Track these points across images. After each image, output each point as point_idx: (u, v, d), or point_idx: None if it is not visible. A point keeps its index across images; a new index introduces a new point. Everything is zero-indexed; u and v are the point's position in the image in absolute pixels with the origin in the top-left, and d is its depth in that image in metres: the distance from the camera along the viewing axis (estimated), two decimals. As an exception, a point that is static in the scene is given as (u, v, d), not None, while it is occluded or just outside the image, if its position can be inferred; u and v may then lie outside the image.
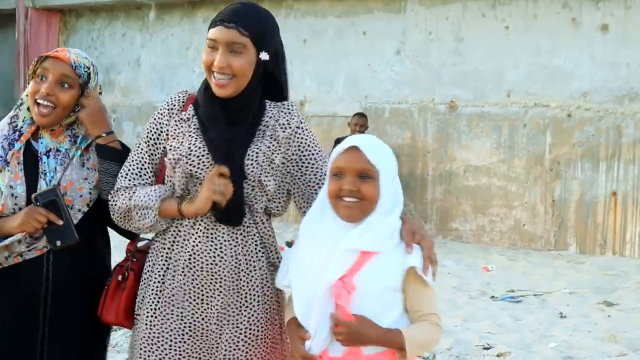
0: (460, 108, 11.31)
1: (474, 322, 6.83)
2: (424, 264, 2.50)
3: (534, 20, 10.77)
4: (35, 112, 2.91)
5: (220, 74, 2.67)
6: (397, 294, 2.51)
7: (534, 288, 8.25)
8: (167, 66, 13.77)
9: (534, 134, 10.76)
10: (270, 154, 2.72)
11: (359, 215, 2.52)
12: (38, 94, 2.89)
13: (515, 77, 10.88)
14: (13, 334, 2.88)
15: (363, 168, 2.51)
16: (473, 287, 8.29)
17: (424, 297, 2.53)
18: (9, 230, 2.83)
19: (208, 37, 2.73)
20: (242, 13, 2.74)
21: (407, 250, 2.50)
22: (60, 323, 2.89)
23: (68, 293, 2.90)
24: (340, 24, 12.27)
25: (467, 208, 11.25)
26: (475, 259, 9.88)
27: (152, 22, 14.16)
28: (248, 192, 2.72)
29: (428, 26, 11.59)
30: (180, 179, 2.72)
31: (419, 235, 2.55)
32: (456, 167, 11.32)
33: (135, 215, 2.75)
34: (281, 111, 2.80)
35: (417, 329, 2.50)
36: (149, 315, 2.77)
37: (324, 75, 12.34)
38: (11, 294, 2.89)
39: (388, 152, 2.61)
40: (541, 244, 10.70)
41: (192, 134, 2.73)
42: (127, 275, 2.85)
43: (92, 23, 14.94)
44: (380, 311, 2.48)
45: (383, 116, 11.87)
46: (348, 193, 2.51)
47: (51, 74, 2.90)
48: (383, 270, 2.49)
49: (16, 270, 2.87)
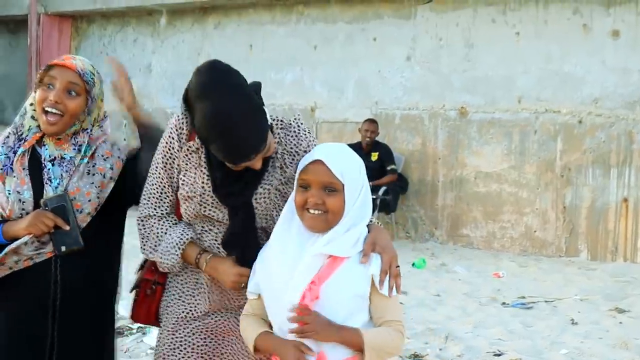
0: (470, 114, 11.30)
1: (485, 329, 6.82)
2: (380, 277, 2.50)
3: (544, 26, 10.75)
4: (43, 121, 2.91)
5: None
6: (364, 301, 2.53)
7: (545, 294, 8.22)
8: (178, 72, 13.79)
9: (544, 140, 10.74)
10: (282, 188, 2.74)
11: (324, 226, 2.54)
12: (46, 102, 2.90)
13: (526, 83, 10.86)
14: (22, 337, 2.89)
15: (328, 182, 2.52)
16: (484, 294, 8.27)
17: (387, 305, 2.54)
18: (15, 233, 2.85)
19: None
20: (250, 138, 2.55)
21: (362, 260, 2.51)
22: (69, 327, 2.90)
23: (76, 297, 2.91)
24: (351, 30, 12.28)
25: (477, 214, 11.23)
26: (485, 265, 9.86)
27: (163, 28, 14.19)
28: (263, 225, 2.74)
29: (438, 32, 11.58)
30: (191, 215, 2.74)
31: (380, 247, 2.54)
32: (467, 173, 11.30)
33: (158, 260, 2.78)
34: (288, 134, 2.76)
35: (377, 331, 2.52)
36: (173, 323, 2.80)
37: (334, 81, 12.35)
38: (20, 297, 2.90)
39: (355, 163, 2.61)
40: (552, 250, 10.67)
41: (203, 170, 2.71)
42: (154, 288, 2.89)
43: (103, 29, 14.98)
44: (346, 317, 2.50)
45: (393, 122, 11.86)
46: (313, 206, 2.52)
47: (59, 82, 2.91)
48: (350, 278, 2.51)
49: (25, 274, 2.88)
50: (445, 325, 6.81)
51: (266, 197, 2.70)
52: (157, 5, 13.84)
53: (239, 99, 2.52)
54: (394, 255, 2.55)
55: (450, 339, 6.36)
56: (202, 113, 2.51)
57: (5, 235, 2.87)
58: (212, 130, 2.50)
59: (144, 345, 5.81)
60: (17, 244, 2.84)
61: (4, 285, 2.92)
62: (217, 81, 2.55)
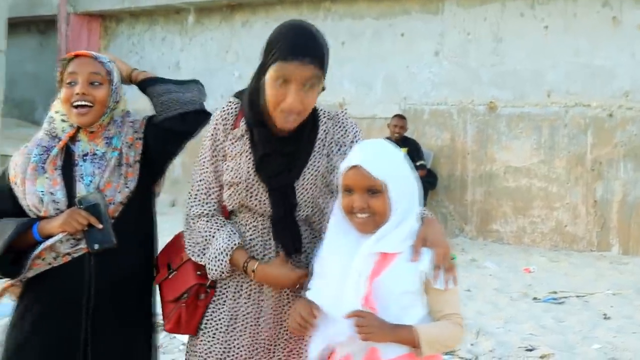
0: (499, 109, 11.26)
1: (516, 324, 6.79)
2: (434, 271, 2.48)
3: (573, 19, 10.69)
4: (74, 114, 2.92)
5: (288, 112, 2.60)
6: (418, 296, 2.51)
7: (577, 289, 8.18)
8: (206, 69, 13.84)
9: (574, 134, 10.67)
10: (327, 175, 2.73)
11: (373, 228, 2.53)
12: (73, 97, 2.91)
13: (555, 77, 10.80)
14: (56, 332, 2.91)
15: (369, 185, 2.51)
16: (514, 289, 8.24)
17: (444, 298, 2.52)
18: (50, 231, 2.86)
19: (279, 72, 2.57)
20: (312, 43, 2.61)
21: (412, 258, 2.49)
22: (102, 323, 2.91)
23: (110, 293, 2.92)
24: (378, 25, 12.27)
25: (507, 209, 11.18)
26: (516, 261, 9.82)
27: (191, 26, 14.26)
28: (308, 214, 2.74)
29: (466, 27, 11.55)
30: (235, 204, 2.74)
31: (431, 241, 2.51)
32: (496, 168, 11.26)
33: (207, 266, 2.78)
34: (335, 125, 2.78)
35: (433, 326, 2.50)
36: (222, 332, 2.79)
37: (362, 77, 12.35)
38: (55, 293, 2.93)
39: (395, 158, 2.59)
40: (583, 245, 10.60)
41: (248, 155, 2.71)
42: (209, 292, 2.84)
43: (132, 28, 15.08)
44: (400, 313, 2.48)
45: (422, 117, 11.84)
46: (359, 210, 2.52)
47: (80, 76, 2.93)
48: (400, 274, 2.49)
49: (60, 269, 2.91)
50: (477, 320, 6.79)
51: (312, 183, 2.70)
52: (185, 4, 13.92)
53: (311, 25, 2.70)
54: (446, 247, 2.52)
55: (482, 334, 6.34)
56: (279, 26, 2.67)
57: (40, 232, 2.88)
58: (281, 30, 2.63)
59: (176, 341, 5.84)
60: (52, 242, 2.86)
61: (40, 280, 2.94)
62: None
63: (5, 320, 3.16)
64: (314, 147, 2.73)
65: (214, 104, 3.05)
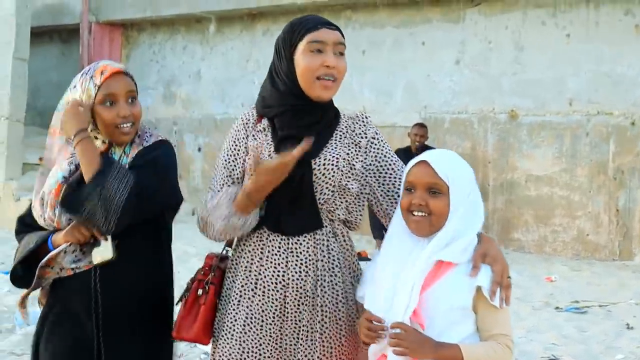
0: (521, 117, 11.22)
1: (538, 334, 6.75)
2: (492, 288, 2.44)
3: (595, 27, 10.64)
4: (118, 134, 2.93)
5: (329, 75, 2.68)
6: (467, 312, 2.47)
7: (599, 299, 8.13)
8: (227, 79, 13.89)
9: (596, 142, 10.61)
10: (350, 160, 2.74)
11: (427, 229, 2.51)
12: (118, 120, 2.91)
13: (577, 86, 10.75)
14: (68, 341, 2.93)
15: (432, 182, 2.50)
16: (536, 298, 8.20)
17: (494, 318, 2.46)
18: (59, 241, 2.91)
19: (313, 39, 2.69)
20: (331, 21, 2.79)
21: (471, 273, 2.45)
22: (114, 332, 2.91)
23: (119, 303, 2.92)
24: (399, 34, 12.27)
25: (528, 218, 11.13)
26: (537, 270, 9.77)
27: (212, 35, 14.31)
28: (328, 197, 2.72)
29: (487, 35, 11.53)
30: None
31: (491, 258, 2.49)
32: (517, 176, 11.22)
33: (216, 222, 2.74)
34: (356, 123, 2.82)
35: (481, 346, 2.45)
36: (238, 331, 2.76)
37: (382, 85, 12.34)
38: (66, 302, 2.95)
39: (463, 168, 2.58)
40: (605, 254, 10.53)
41: (270, 144, 2.74)
42: (207, 289, 2.84)
43: (153, 37, 15.15)
44: (447, 328, 2.45)
45: (443, 126, 11.82)
46: (417, 208, 2.51)
47: (121, 97, 2.92)
48: (454, 287, 2.45)
49: (69, 279, 2.93)
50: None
51: (334, 165, 2.69)
52: (206, 13, 13.97)
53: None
54: (505, 266, 2.50)
55: (504, 344, 6.30)
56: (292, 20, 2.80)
57: (53, 243, 2.93)
58: (300, 18, 2.79)
59: (197, 350, 5.85)
60: (55, 252, 2.89)
61: (53, 289, 2.99)
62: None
63: (31, 328, 3.20)
64: (333, 133, 2.77)
65: (234, 113, 3.08)
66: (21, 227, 3.13)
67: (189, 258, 9.06)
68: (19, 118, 13.07)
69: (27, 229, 3.08)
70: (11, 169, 13.02)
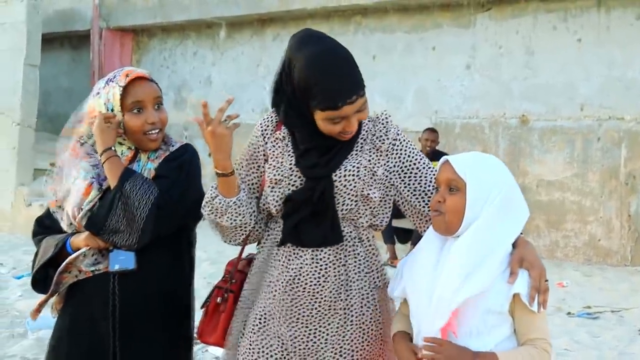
0: (532, 122, 11.19)
1: (551, 339, 6.70)
2: (531, 293, 2.42)
3: (606, 32, 10.61)
4: (146, 141, 2.96)
5: (346, 134, 2.65)
6: (504, 317, 2.44)
7: (611, 304, 8.09)
8: (238, 84, 13.90)
9: (608, 147, 10.58)
10: (372, 167, 2.72)
11: (443, 228, 2.50)
12: (146, 127, 2.93)
13: (589, 90, 10.71)
14: (84, 344, 2.93)
15: (449, 179, 2.50)
16: (548, 303, 8.10)
17: (531, 322, 2.44)
18: (78, 244, 2.91)
19: (330, 115, 2.58)
20: (350, 76, 2.61)
21: (509, 279, 2.42)
22: (130, 338, 2.91)
23: (136, 309, 2.92)
24: (409, 39, 12.26)
25: (540, 223, 11.10)
26: (549, 275, 9.46)
27: (222, 40, 14.33)
28: (352, 207, 2.71)
29: (498, 40, 11.51)
30: (278, 200, 2.72)
31: (528, 263, 2.46)
32: (529, 181, 11.18)
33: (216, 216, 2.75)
34: (376, 125, 2.79)
35: (518, 353, 2.42)
36: (249, 331, 2.77)
37: (393, 91, 12.33)
38: (83, 306, 2.95)
39: (489, 168, 2.53)
40: (617, 259, 10.49)
41: (290, 154, 2.72)
42: (226, 297, 2.85)
43: (164, 42, 15.18)
44: (483, 331, 2.43)
45: (454, 131, 11.80)
46: (435, 204, 2.51)
47: (148, 103, 2.94)
48: (488, 294, 2.42)
49: (87, 282, 2.93)
50: (510, 335, 6.72)
51: (354, 175, 2.67)
52: (216, 18, 13.99)
53: (335, 44, 2.65)
54: (543, 270, 2.48)
55: (515, 350, 6.27)
56: (304, 59, 2.59)
57: (72, 246, 2.93)
58: (315, 69, 2.57)
59: (208, 355, 5.84)
60: (75, 255, 2.90)
61: (70, 292, 2.99)
62: (313, 34, 2.68)
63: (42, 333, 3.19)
64: (355, 142, 2.74)
65: (245, 118, 3.06)
66: (39, 229, 3.14)
67: (200, 263, 9.08)
68: (30, 124, 13.11)
69: (45, 231, 3.09)
70: (22, 175, 13.05)
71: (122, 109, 2.94)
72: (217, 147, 2.64)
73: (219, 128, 2.61)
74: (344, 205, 2.70)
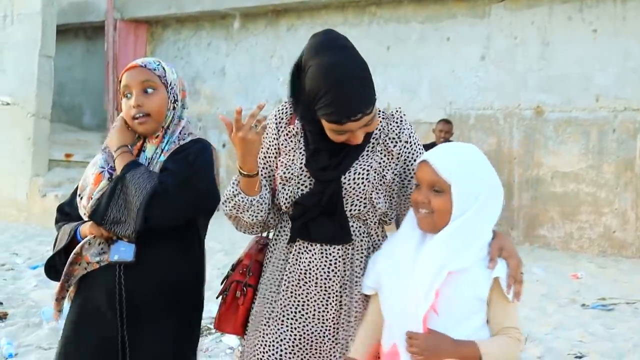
0: (547, 113, 11.15)
1: (565, 331, 6.70)
2: (508, 281, 2.46)
3: (622, 22, 10.55)
4: (135, 125, 2.96)
5: (352, 143, 2.64)
6: (482, 304, 2.48)
7: (626, 296, 8.06)
8: (252, 74, 13.90)
9: (623, 139, 10.53)
10: (381, 170, 2.71)
11: (431, 227, 2.51)
12: (131, 111, 2.94)
13: (604, 81, 10.66)
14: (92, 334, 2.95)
15: (434, 180, 2.49)
16: (562, 295, 8.14)
17: (506, 311, 2.49)
18: (85, 232, 2.94)
19: (336, 128, 2.57)
20: (359, 97, 2.54)
21: (489, 265, 2.46)
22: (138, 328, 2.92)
23: (145, 300, 2.92)
24: (424, 30, 12.22)
25: (554, 215, 11.07)
26: (563, 266, 9.70)
27: (236, 31, 14.32)
28: (360, 209, 2.71)
29: (513, 31, 11.46)
30: (288, 201, 2.74)
31: (507, 252, 2.50)
32: (543, 173, 11.15)
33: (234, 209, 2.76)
34: (390, 124, 2.76)
35: (495, 342, 2.46)
36: (262, 324, 2.79)
37: (407, 81, 12.30)
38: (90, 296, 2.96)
39: (471, 165, 2.53)
40: (632, 251, 10.45)
41: (301, 151, 2.73)
42: (245, 291, 2.87)
43: (178, 33, 15.19)
44: (462, 318, 2.46)
45: (468, 122, 11.77)
46: (420, 205, 2.52)
47: (133, 88, 2.95)
48: (471, 279, 2.46)
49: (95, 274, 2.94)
50: (525, 326, 6.69)
51: (364, 178, 2.67)
52: (230, 9, 13.98)
53: (353, 56, 2.60)
54: (520, 261, 2.52)
55: (530, 341, 6.27)
56: (317, 66, 2.56)
57: (81, 234, 2.97)
58: (325, 80, 2.53)
59: (222, 345, 5.86)
60: (80, 244, 2.92)
61: (81, 282, 3.00)
62: (333, 40, 2.63)
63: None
64: (367, 143, 2.72)
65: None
66: (60, 216, 3.18)
67: (214, 254, 9.10)
68: (45, 115, 13.16)
69: (65, 218, 3.14)
70: (37, 165, 13.11)
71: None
72: (246, 151, 2.62)
73: (249, 134, 2.59)
74: (352, 206, 2.71)
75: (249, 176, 2.68)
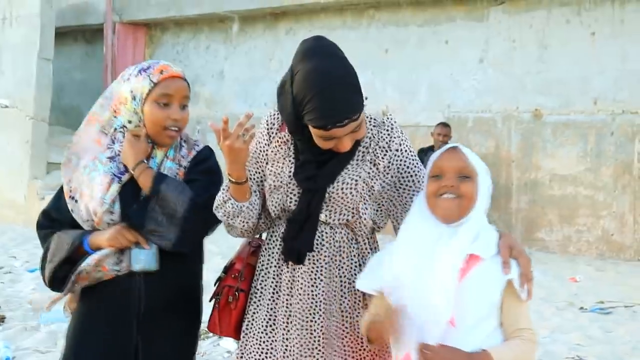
0: (545, 116, 11.15)
1: (563, 334, 6.71)
2: (521, 280, 2.44)
3: (621, 25, 10.56)
4: (165, 136, 2.93)
5: (339, 151, 2.62)
6: (494, 308, 2.45)
7: (624, 299, 8.06)
8: (250, 78, 13.91)
9: (622, 142, 10.53)
10: (370, 181, 2.70)
11: (457, 212, 2.50)
12: (168, 122, 2.91)
13: (602, 84, 10.67)
14: (107, 341, 2.92)
15: (463, 166, 2.52)
16: (560, 298, 8.14)
17: (520, 311, 2.46)
18: (99, 243, 2.88)
19: (321, 134, 2.56)
20: (345, 103, 2.52)
21: (504, 268, 2.44)
22: (153, 335, 2.92)
23: (161, 307, 2.92)
24: (422, 33, 12.23)
25: (552, 218, 11.07)
26: (561, 270, 9.71)
27: (235, 34, 14.33)
28: (348, 217, 2.70)
29: (511, 34, 11.47)
30: (277, 209, 2.74)
31: (517, 251, 2.49)
32: (541, 176, 11.15)
33: (225, 215, 2.76)
34: (381, 131, 2.74)
35: (508, 347, 2.43)
36: (260, 331, 2.79)
37: (405, 84, 12.30)
38: (107, 304, 2.93)
39: (484, 164, 2.63)
40: (630, 254, 10.45)
41: (290, 160, 2.72)
42: (237, 295, 2.86)
43: (177, 36, 15.20)
44: (476, 324, 2.43)
45: (466, 125, 11.77)
46: (448, 189, 2.50)
47: (176, 100, 2.92)
48: (484, 282, 2.45)
49: (113, 281, 2.91)
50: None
51: (352, 188, 2.66)
52: (229, 12, 13.99)
53: (340, 62, 2.58)
54: (529, 260, 2.51)
55: (528, 344, 6.26)
56: (303, 71, 2.55)
57: (90, 245, 2.90)
58: (311, 85, 2.52)
59: (220, 349, 5.86)
60: (99, 256, 2.86)
61: (92, 292, 2.95)
62: (320, 46, 2.62)
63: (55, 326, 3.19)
64: (355, 153, 2.71)
65: (257, 112, 3.05)
66: (45, 222, 3.09)
67: (212, 257, 9.07)
68: (44, 117, 13.16)
69: (52, 224, 3.05)
70: (36, 168, 13.11)
71: (146, 99, 2.92)
72: (233, 160, 2.62)
73: (237, 143, 2.58)
74: (340, 215, 2.70)
75: (238, 183, 2.68)
